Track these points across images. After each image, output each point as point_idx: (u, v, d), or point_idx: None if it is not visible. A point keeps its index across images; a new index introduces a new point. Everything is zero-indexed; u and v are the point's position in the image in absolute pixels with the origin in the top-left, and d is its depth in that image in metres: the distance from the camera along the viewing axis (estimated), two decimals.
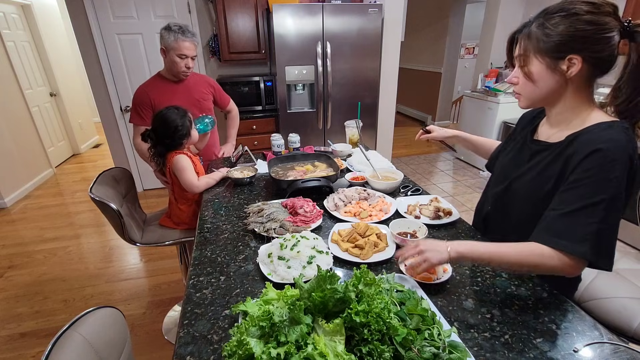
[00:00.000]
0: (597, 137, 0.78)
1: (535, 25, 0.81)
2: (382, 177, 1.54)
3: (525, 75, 0.85)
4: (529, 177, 0.92)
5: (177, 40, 1.73)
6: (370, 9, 2.89)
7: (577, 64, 0.78)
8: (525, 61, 0.84)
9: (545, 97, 0.87)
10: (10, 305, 2.17)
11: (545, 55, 0.81)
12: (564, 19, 0.77)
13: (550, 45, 0.79)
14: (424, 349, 0.65)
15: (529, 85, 0.86)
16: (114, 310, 0.87)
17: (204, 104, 1.98)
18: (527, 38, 0.83)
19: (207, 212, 1.37)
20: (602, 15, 0.76)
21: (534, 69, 0.83)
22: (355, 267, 0.81)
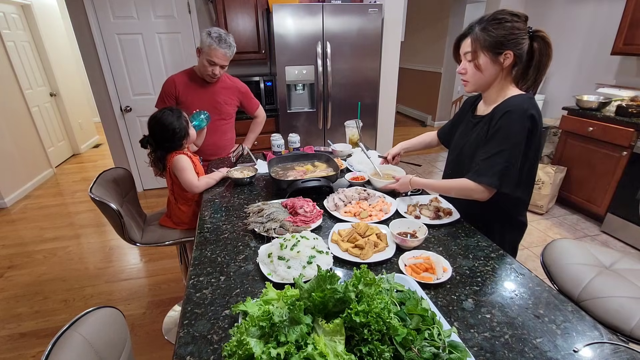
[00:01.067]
0: (508, 103, 1.11)
1: (479, 29, 1.10)
2: (383, 175, 1.54)
3: (475, 67, 1.14)
4: (471, 141, 1.24)
5: (210, 47, 1.79)
6: (370, 9, 2.89)
7: (510, 57, 1.09)
8: (474, 56, 1.13)
9: (486, 83, 1.17)
10: (10, 305, 2.17)
11: (488, 51, 1.10)
12: (500, 24, 1.07)
13: (492, 44, 1.08)
14: (424, 349, 0.65)
15: (477, 75, 1.15)
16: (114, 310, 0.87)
17: (224, 108, 2.06)
18: (475, 39, 1.11)
19: (207, 212, 1.37)
20: (521, 23, 1.08)
21: (481, 61, 1.12)
22: (355, 267, 0.81)
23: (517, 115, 1.07)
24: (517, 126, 1.07)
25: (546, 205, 3.06)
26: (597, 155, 2.80)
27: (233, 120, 2.21)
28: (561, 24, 3.57)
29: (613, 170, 2.68)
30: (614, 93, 2.93)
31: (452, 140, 1.43)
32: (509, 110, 1.08)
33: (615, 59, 3.11)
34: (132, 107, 3.44)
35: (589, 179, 2.90)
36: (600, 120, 2.74)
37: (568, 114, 3.02)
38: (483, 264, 1.01)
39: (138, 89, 3.40)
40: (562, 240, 1.42)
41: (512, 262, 1.02)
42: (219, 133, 2.10)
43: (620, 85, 3.06)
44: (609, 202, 2.74)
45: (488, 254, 1.06)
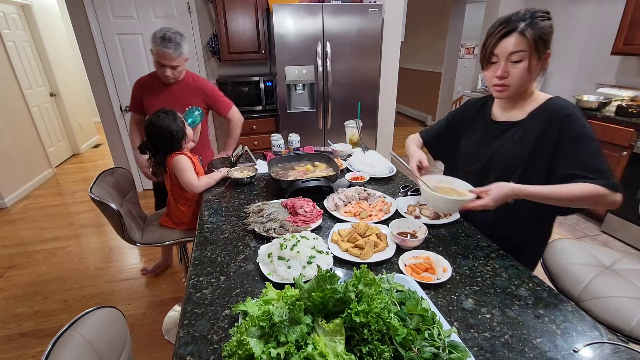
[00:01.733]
0: (560, 106, 1.04)
1: (531, 26, 0.97)
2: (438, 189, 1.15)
3: (527, 69, 1.00)
4: (506, 149, 1.12)
5: (156, 48, 1.73)
6: (370, 9, 2.88)
7: (548, 57, 1.02)
8: (522, 56, 0.99)
9: (526, 86, 1.06)
10: (10, 305, 2.17)
11: (538, 50, 0.99)
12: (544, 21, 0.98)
13: (543, 42, 0.98)
14: (424, 349, 0.65)
15: (524, 78, 1.02)
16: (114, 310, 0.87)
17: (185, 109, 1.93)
18: (529, 36, 0.97)
19: (207, 212, 1.37)
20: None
21: (534, 62, 1.00)
22: (355, 267, 0.81)
23: (578, 114, 1.02)
24: (586, 124, 1.01)
25: None
26: None
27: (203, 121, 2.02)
28: (561, 24, 3.57)
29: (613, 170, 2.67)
30: (614, 93, 2.93)
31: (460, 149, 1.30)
32: (570, 113, 1.01)
33: (615, 59, 3.11)
34: None
35: None
36: (600, 120, 2.74)
37: None
38: (483, 264, 1.01)
39: None
40: (562, 240, 1.42)
41: (512, 262, 1.02)
42: None
43: (620, 85, 3.06)
44: None
45: (488, 254, 1.06)
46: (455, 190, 1.14)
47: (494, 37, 1.02)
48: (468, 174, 1.22)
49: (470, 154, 1.25)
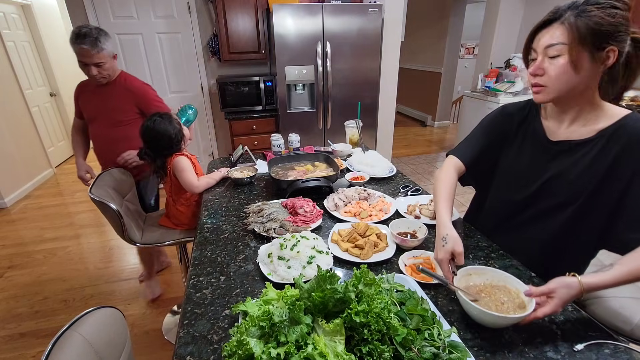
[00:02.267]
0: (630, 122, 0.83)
1: (573, 15, 0.80)
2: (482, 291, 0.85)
3: (571, 64, 0.81)
4: (572, 176, 0.90)
5: (72, 46, 1.63)
6: (370, 9, 2.88)
7: (614, 55, 0.79)
8: (568, 50, 0.80)
9: (574, 90, 0.85)
10: (10, 305, 2.17)
11: (589, 43, 0.79)
12: (605, 10, 0.78)
13: (596, 33, 0.78)
14: (424, 349, 0.65)
15: (566, 76, 0.83)
16: (114, 310, 0.87)
17: (117, 115, 1.81)
18: (572, 26, 0.80)
19: (207, 212, 1.37)
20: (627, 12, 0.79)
21: (574, 59, 0.80)
22: (355, 267, 0.81)
23: None
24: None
25: None
26: None
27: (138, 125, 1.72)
28: None
29: None
30: None
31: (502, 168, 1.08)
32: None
33: None
34: None
35: None
36: None
37: None
38: (483, 264, 1.01)
39: None
40: None
41: (512, 262, 1.02)
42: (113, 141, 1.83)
43: None
44: None
45: (488, 254, 1.06)
46: (507, 287, 0.82)
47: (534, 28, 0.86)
48: (510, 203, 1.04)
49: (518, 178, 1.02)
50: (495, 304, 0.78)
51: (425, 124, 6.49)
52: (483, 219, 1.19)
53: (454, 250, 0.87)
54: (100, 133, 1.85)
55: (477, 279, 0.85)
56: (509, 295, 0.80)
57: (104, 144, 1.87)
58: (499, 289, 0.82)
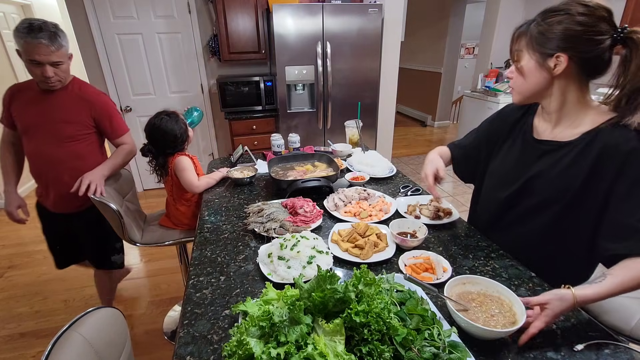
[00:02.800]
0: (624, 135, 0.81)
1: (534, 24, 0.85)
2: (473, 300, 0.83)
3: (517, 70, 0.90)
4: (552, 176, 0.92)
5: (24, 42, 1.34)
6: (370, 9, 2.89)
7: (563, 62, 0.83)
8: (518, 56, 0.89)
9: (535, 93, 0.91)
10: (10, 305, 2.17)
11: (535, 51, 0.85)
12: (556, 17, 0.82)
13: (540, 42, 0.84)
14: (424, 349, 0.65)
15: (519, 81, 0.91)
16: (114, 310, 0.87)
17: (64, 129, 1.50)
18: (524, 35, 0.87)
19: (207, 212, 1.37)
20: (594, 18, 0.79)
21: (525, 64, 0.88)
22: (355, 267, 0.81)
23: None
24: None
25: None
26: None
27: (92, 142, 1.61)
28: None
29: None
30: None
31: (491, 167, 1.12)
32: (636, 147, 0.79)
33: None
34: (132, 107, 3.44)
35: None
36: None
37: None
38: (483, 264, 1.01)
39: (138, 89, 3.40)
40: None
41: (512, 262, 1.02)
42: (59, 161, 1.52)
43: None
44: None
45: (488, 254, 1.06)
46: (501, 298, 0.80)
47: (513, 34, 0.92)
48: (497, 202, 1.05)
49: (503, 176, 1.05)
50: (485, 315, 0.76)
51: (425, 124, 6.49)
52: (477, 217, 1.22)
53: (437, 167, 1.12)
54: (41, 150, 1.51)
55: (472, 287, 0.84)
56: (501, 307, 0.78)
57: (46, 164, 1.53)
58: (492, 299, 0.80)
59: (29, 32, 1.32)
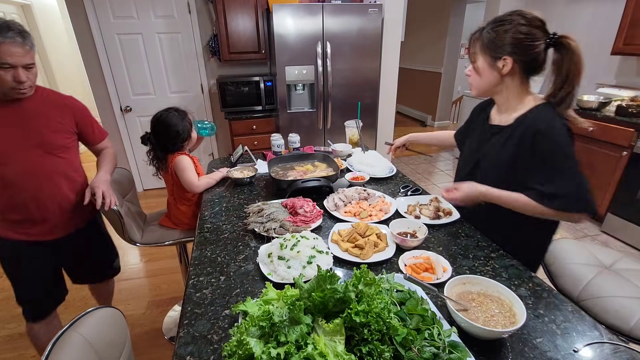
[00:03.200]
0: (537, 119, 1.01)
1: (486, 30, 1.03)
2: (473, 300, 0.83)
3: (474, 70, 1.09)
4: (493, 153, 1.12)
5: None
6: (370, 9, 2.88)
7: (509, 63, 1.01)
8: (475, 58, 1.08)
9: (488, 88, 1.10)
10: (10, 305, 2.17)
11: (487, 54, 1.04)
12: (503, 27, 1.00)
13: (491, 47, 1.02)
14: (424, 349, 0.65)
15: (476, 78, 1.10)
16: (114, 310, 0.87)
17: (53, 138, 1.31)
18: (478, 40, 1.06)
19: (207, 212, 1.37)
20: (531, 27, 0.98)
21: (480, 65, 1.07)
22: (355, 267, 0.81)
23: (558, 131, 0.97)
24: (565, 142, 0.97)
25: None
26: (597, 155, 2.80)
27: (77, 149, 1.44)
28: (561, 24, 3.57)
29: (613, 170, 2.68)
30: (614, 93, 2.93)
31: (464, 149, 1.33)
32: (540, 130, 0.98)
33: (615, 59, 3.10)
34: (132, 107, 3.44)
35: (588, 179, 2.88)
36: (600, 120, 2.74)
37: None
38: (483, 264, 1.01)
39: (138, 89, 3.40)
40: (562, 240, 1.42)
41: (512, 262, 1.02)
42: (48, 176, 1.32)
43: (620, 85, 3.06)
44: (609, 202, 2.73)
45: (488, 254, 1.06)
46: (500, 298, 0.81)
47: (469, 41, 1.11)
48: (462, 179, 1.19)
49: (466, 157, 1.26)
50: (484, 315, 0.77)
51: (425, 123, 6.49)
52: None
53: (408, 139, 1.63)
54: (30, 169, 1.27)
55: (472, 287, 0.84)
56: (501, 307, 0.78)
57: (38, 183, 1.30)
58: (492, 299, 0.81)
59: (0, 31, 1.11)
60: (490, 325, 0.73)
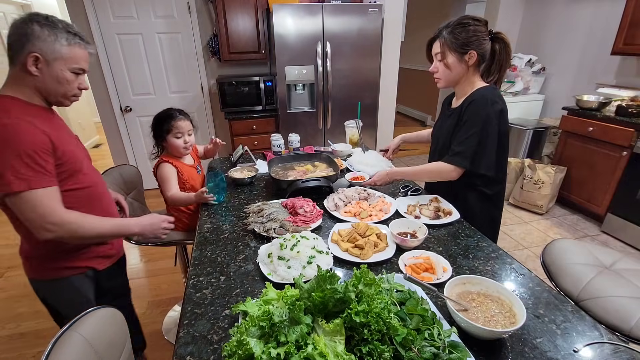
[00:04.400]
0: (474, 95, 1.26)
1: (446, 33, 1.25)
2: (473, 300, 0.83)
3: (444, 66, 1.29)
4: (444, 131, 1.38)
5: (71, 46, 1.01)
6: (370, 9, 2.88)
7: (474, 56, 1.24)
8: (443, 56, 1.28)
9: (455, 79, 1.32)
10: (10, 305, 2.17)
11: (455, 52, 1.25)
12: (463, 28, 1.23)
13: (457, 45, 1.24)
14: (424, 349, 0.65)
15: (446, 72, 1.30)
16: (114, 311, 0.87)
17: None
18: (443, 42, 1.26)
19: (207, 212, 1.37)
20: (481, 26, 1.24)
21: (450, 61, 1.27)
22: (355, 267, 0.81)
23: (482, 103, 1.22)
24: (483, 112, 1.21)
25: (546, 206, 3.06)
26: (597, 155, 2.80)
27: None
28: (561, 24, 3.57)
29: (613, 170, 2.68)
30: (614, 93, 2.93)
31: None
32: (475, 99, 1.23)
33: (615, 59, 3.10)
34: (132, 107, 3.44)
35: (589, 179, 2.90)
36: (600, 120, 2.74)
37: (568, 114, 3.02)
38: (483, 264, 1.01)
39: (138, 89, 3.40)
40: (562, 240, 1.42)
41: (512, 262, 1.02)
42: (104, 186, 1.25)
43: (620, 85, 3.06)
44: (609, 202, 2.73)
45: (488, 254, 1.06)
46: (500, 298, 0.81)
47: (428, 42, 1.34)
48: (431, 153, 1.53)
49: (434, 138, 1.52)
50: (484, 315, 0.77)
51: (425, 124, 6.49)
52: None
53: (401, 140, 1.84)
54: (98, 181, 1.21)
55: (472, 287, 0.84)
56: (501, 307, 0.78)
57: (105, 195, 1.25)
58: (492, 299, 0.81)
59: (76, 35, 1.04)
60: (490, 325, 0.73)
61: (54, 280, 1.17)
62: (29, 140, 0.94)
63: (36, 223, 0.96)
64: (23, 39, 0.96)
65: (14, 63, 0.99)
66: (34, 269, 1.18)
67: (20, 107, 0.98)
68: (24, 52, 0.96)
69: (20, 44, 0.96)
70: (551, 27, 3.67)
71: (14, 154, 0.90)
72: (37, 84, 1.01)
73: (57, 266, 1.15)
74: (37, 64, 0.98)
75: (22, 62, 0.97)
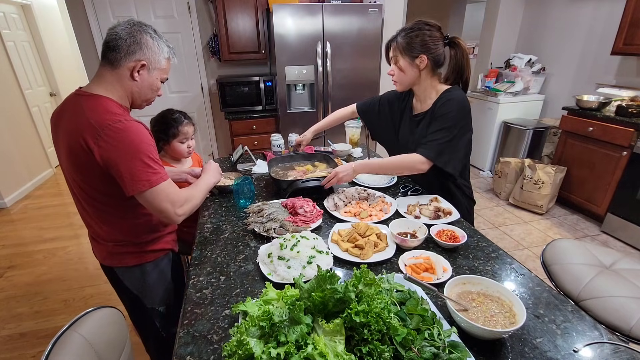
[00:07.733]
0: (444, 96, 1.30)
1: (400, 37, 1.28)
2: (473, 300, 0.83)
3: (398, 69, 1.33)
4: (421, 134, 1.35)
5: (168, 59, 1.12)
6: (370, 9, 2.88)
7: (425, 60, 1.27)
8: (396, 60, 1.32)
9: (411, 82, 1.35)
10: (10, 305, 2.17)
11: (406, 55, 1.28)
12: (414, 33, 1.26)
13: (408, 49, 1.27)
14: (424, 349, 0.65)
15: (401, 75, 1.33)
16: (114, 310, 0.87)
17: None
18: (396, 46, 1.30)
19: (207, 212, 1.37)
20: (434, 31, 1.26)
21: (402, 64, 1.31)
22: (355, 267, 0.81)
23: (454, 102, 1.26)
24: (454, 111, 1.26)
25: (546, 205, 3.06)
26: (597, 155, 2.80)
27: None
28: (561, 24, 3.57)
29: (613, 170, 2.68)
30: (614, 93, 2.93)
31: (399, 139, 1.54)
32: (449, 99, 1.27)
33: (615, 59, 3.10)
34: None
35: (589, 179, 2.90)
36: (600, 120, 2.74)
37: (568, 114, 3.02)
38: (483, 264, 1.01)
39: None
40: (562, 240, 1.42)
41: (512, 262, 1.02)
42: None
43: (620, 85, 3.06)
44: (609, 202, 2.74)
45: (488, 254, 1.06)
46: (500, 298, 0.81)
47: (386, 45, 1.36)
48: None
49: (405, 143, 1.50)
50: (484, 315, 0.76)
51: None
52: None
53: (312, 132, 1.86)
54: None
55: (472, 287, 0.84)
56: (501, 307, 0.78)
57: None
58: (492, 299, 0.80)
59: (171, 49, 1.14)
60: (490, 325, 0.73)
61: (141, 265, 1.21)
62: (148, 138, 1.02)
63: (170, 211, 1.04)
64: (135, 47, 1.02)
65: (114, 65, 1.02)
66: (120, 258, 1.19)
67: (118, 108, 1.04)
68: (133, 58, 1.02)
69: (132, 50, 1.02)
70: (551, 27, 3.67)
71: (144, 153, 0.99)
72: (134, 89, 1.07)
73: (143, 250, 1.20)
74: (139, 71, 1.05)
75: (129, 67, 1.02)
